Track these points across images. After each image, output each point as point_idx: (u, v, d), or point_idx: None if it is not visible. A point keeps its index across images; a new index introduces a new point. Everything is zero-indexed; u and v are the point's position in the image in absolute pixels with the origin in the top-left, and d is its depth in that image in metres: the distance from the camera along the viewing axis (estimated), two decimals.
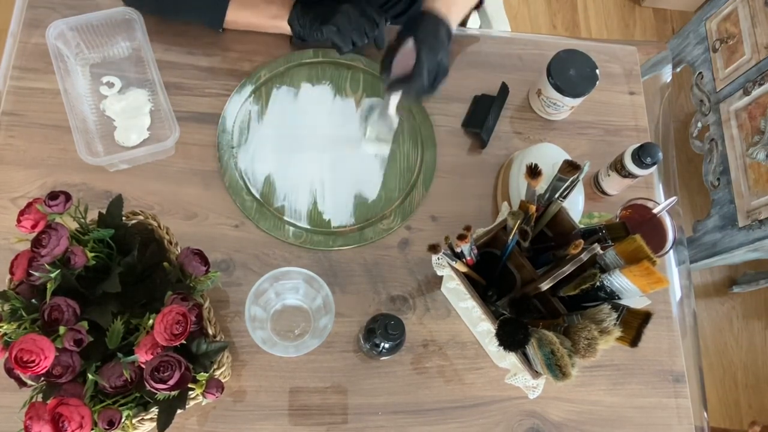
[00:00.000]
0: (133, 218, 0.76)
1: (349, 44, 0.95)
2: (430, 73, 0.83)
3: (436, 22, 0.85)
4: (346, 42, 0.95)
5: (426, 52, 0.82)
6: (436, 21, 0.85)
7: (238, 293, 0.87)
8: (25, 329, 0.64)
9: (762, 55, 1.64)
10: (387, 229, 0.93)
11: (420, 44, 0.82)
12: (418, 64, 0.82)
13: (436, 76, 0.84)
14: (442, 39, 0.84)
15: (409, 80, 0.82)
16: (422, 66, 0.81)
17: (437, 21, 0.85)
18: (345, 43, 0.95)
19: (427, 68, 0.82)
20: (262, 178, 0.94)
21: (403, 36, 0.84)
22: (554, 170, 0.79)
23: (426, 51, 0.82)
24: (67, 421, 0.58)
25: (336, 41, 0.95)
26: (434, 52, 0.83)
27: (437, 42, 0.83)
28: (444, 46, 0.84)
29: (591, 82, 0.97)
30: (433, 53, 0.82)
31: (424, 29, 0.84)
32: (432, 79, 0.84)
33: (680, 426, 0.92)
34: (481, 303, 0.78)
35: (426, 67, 0.82)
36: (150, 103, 0.94)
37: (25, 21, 0.96)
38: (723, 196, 1.73)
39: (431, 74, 0.83)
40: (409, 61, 0.82)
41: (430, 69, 0.83)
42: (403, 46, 0.83)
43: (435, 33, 0.84)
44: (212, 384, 0.67)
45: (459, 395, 0.88)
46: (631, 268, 0.70)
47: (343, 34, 0.94)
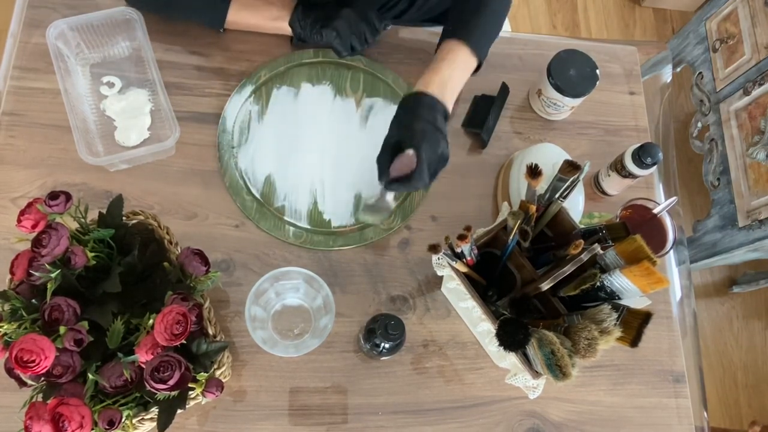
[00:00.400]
0: (133, 218, 0.76)
1: (348, 49, 0.96)
2: (431, 170, 0.81)
3: (432, 107, 0.82)
4: (345, 46, 0.95)
5: (426, 149, 0.79)
6: (432, 106, 0.82)
7: (239, 293, 0.87)
8: (25, 329, 0.64)
9: (762, 55, 1.64)
10: (387, 229, 0.93)
11: (420, 142, 0.79)
12: (419, 167, 0.79)
13: (436, 168, 0.82)
14: (440, 128, 0.82)
15: (409, 181, 0.80)
16: (423, 168, 0.79)
17: (433, 106, 0.82)
18: (344, 47, 0.95)
19: (427, 169, 0.80)
20: (263, 178, 0.94)
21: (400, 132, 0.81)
22: (554, 170, 0.79)
23: (426, 149, 0.79)
24: (67, 421, 0.58)
25: (335, 45, 0.96)
26: (435, 148, 0.80)
27: (436, 135, 0.81)
28: (443, 134, 0.82)
29: (591, 82, 0.97)
30: (433, 149, 0.80)
31: (421, 120, 0.81)
32: (433, 171, 0.82)
33: (680, 426, 0.92)
34: (482, 303, 0.78)
35: (426, 168, 0.79)
36: (150, 103, 0.94)
37: (25, 21, 0.96)
38: (723, 196, 1.73)
39: (432, 169, 0.81)
40: (407, 164, 0.80)
41: (431, 167, 0.80)
42: (402, 155, 0.80)
43: (433, 122, 0.81)
44: (212, 384, 0.67)
45: (459, 395, 0.88)
46: (632, 268, 0.70)
47: (343, 39, 0.94)
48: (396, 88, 1.02)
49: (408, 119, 0.82)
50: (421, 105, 0.82)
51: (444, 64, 0.87)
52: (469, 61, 0.89)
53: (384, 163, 0.83)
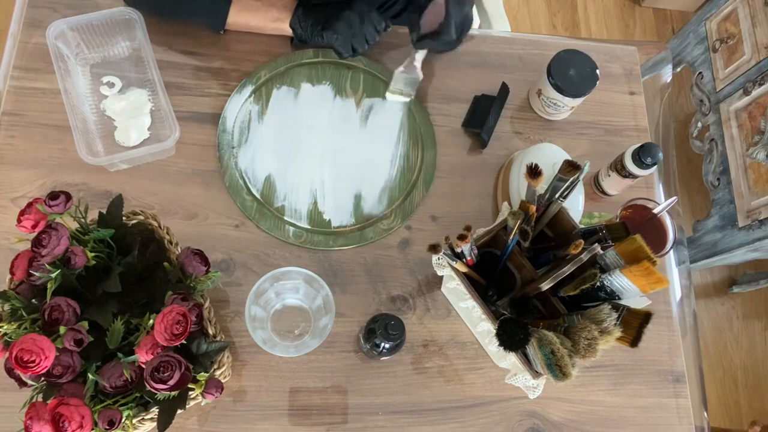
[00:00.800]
0: (133, 218, 0.76)
1: (349, 50, 0.96)
2: (457, 27, 0.84)
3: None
4: (346, 48, 0.95)
5: (454, 5, 0.83)
6: None
7: (239, 293, 0.87)
8: (25, 329, 0.64)
9: (762, 55, 1.64)
10: (387, 229, 0.93)
11: None
12: (447, 20, 0.83)
13: (462, 29, 0.86)
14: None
15: (438, 36, 0.84)
16: (450, 22, 0.83)
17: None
18: (345, 49, 0.96)
19: (454, 23, 0.83)
20: (263, 178, 0.94)
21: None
22: (554, 170, 0.79)
23: (454, 5, 0.83)
24: (67, 421, 0.58)
25: (336, 47, 0.96)
26: (461, 5, 0.84)
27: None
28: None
29: (591, 82, 0.97)
30: (460, 6, 0.84)
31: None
32: (459, 32, 0.85)
33: (680, 426, 0.92)
34: (481, 303, 0.78)
35: (454, 23, 0.83)
36: (150, 103, 0.94)
37: (25, 21, 0.96)
38: (723, 196, 1.73)
39: (458, 28, 0.85)
40: (436, 17, 0.84)
41: (458, 23, 0.84)
42: (431, 5, 0.85)
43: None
44: (212, 384, 0.67)
45: (459, 395, 0.88)
46: (632, 268, 0.70)
47: (344, 41, 0.94)
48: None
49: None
50: None
51: None
52: None
53: (413, 19, 0.86)
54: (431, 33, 0.86)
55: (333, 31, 0.94)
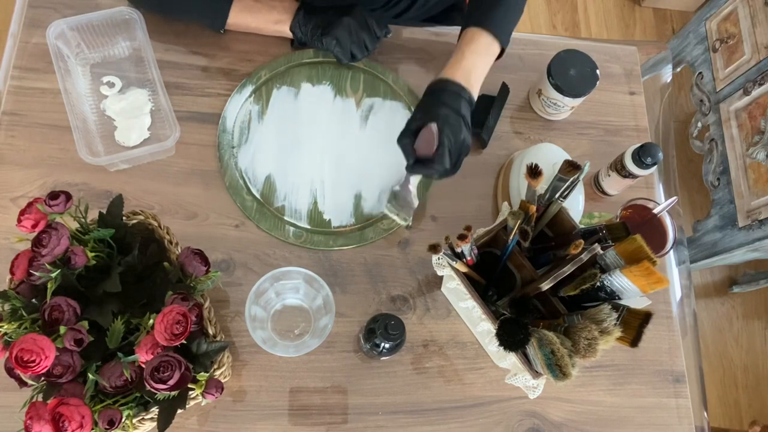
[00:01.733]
0: (133, 218, 0.76)
1: (348, 56, 0.96)
2: (453, 156, 0.82)
3: (457, 94, 0.83)
4: (345, 54, 0.96)
5: (448, 134, 0.80)
6: (457, 93, 0.83)
7: (239, 293, 0.87)
8: (25, 329, 0.64)
9: (762, 55, 1.64)
10: (387, 229, 0.93)
11: (442, 125, 0.80)
12: (440, 149, 0.80)
13: (459, 156, 0.83)
14: (463, 115, 0.82)
15: (431, 164, 0.81)
16: (444, 151, 0.80)
17: (458, 93, 0.83)
18: (345, 55, 0.96)
19: (449, 152, 0.80)
20: (263, 177, 0.94)
21: (424, 116, 0.82)
22: (554, 170, 0.79)
23: (448, 133, 0.80)
24: (67, 421, 0.58)
25: (336, 53, 0.96)
26: (457, 133, 0.81)
27: (459, 122, 0.82)
28: (466, 123, 0.83)
29: (591, 82, 0.97)
30: (455, 134, 0.81)
31: (444, 106, 0.82)
32: (455, 159, 0.82)
33: (680, 426, 0.92)
34: (482, 303, 0.78)
35: (447, 152, 0.80)
36: (150, 102, 0.94)
37: (25, 21, 0.96)
38: (723, 196, 1.73)
39: (453, 156, 0.82)
40: (429, 143, 0.81)
41: (453, 151, 0.81)
42: (424, 130, 0.81)
43: (457, 110, 0.82)
44: (212, 384, 0.67)
45: (459, 395, 0.88)
46: (632, 268, 0.70)
47: (343, 47, 0.95)
48: (396, 88, 1.02)
49: (431, 104, 0.83)
50: (445, 92, 0.83)
51: (468, 52, 0.87)
52: (492, 48, 0.90)
53: (407, 144, 0.83)
54: (425, 159, 0.82)
55: (332, 37, 0.94)
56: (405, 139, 0.84)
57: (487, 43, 0.89)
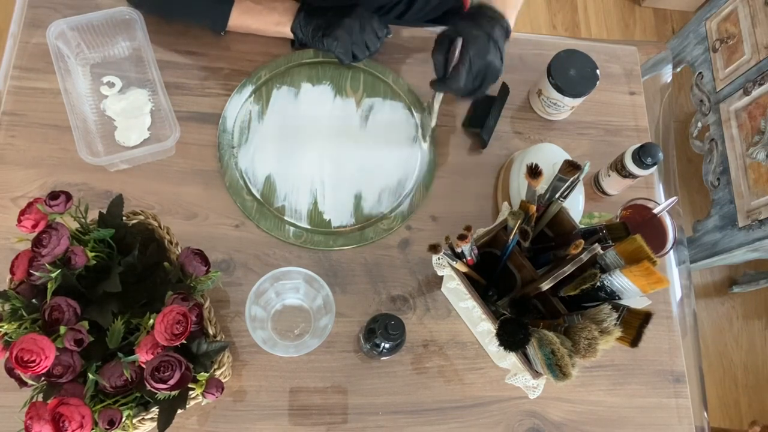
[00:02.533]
0: (133, 218, 0.76)
1: (349, 57, 0.96)
2: (473, 74, 0.82)
3: (493, 19, 0.84)
4: (347, 55, 0.96)
5: (473, 53, 0.81)
6: (494, 18, 0.84)
7: (239, 293, 0.87)
8: (25, 329, 0.64)
9: (762, 55, 1.64)
10: (387, 229, 0.93)
11: (469, 43, 0.81)
12: (458, 66, 0.81)
13: (483, 78, 0.83)
14: (496, 39, 0.83)
15: (448, 81, 0.83)
16: (461, 69, 0.80)
17: (494, 18, 0.84)
18: (346, 56, 0.96)
19: (468, 71, 0.81)
20: (263, 178, 0.94)
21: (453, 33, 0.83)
22: (554, 170, 0.79)
23: (473, 52, 0.81)
24: (67, 421, 0.58)
25: (337, 53, 0.96)
26: (483, 54, 0.81)
27: (489, 42, 0.82)
28: (497, 46, 0.83)
29: (591, 82, 0.97)
30: (481, 54, 0.81)
31: (477, 27, 0.82)
32: (480, 81, 0.83)
33: (680, 426, 0.92)
34: (482, 303, 0.78)
35: (467, 71, 0.81)
36: (150, 102, 0.94)
37: (25, 21, 0.96)
38: (723, 196, 1.73)
39: (477, 75, 0.82)
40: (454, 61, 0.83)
41: (476, 70, 0.81)
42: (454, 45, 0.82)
43: (489, 33, 0.82)
44: (212, 384, 0.68)
45: (459, 395, 0.88)
46: (632, 268, 0.70)
47: (345, 47, 0.94)
48: (396, 88, 1.02)
49: (465, 23, 0.83)
50: (481, 16, 0.84)
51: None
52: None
53: (439, 60, 0.84)
54: (444, 77, 0.84)
55: (333, 38, 0.94)
56: (438, 55, 0.84)
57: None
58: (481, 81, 0.84)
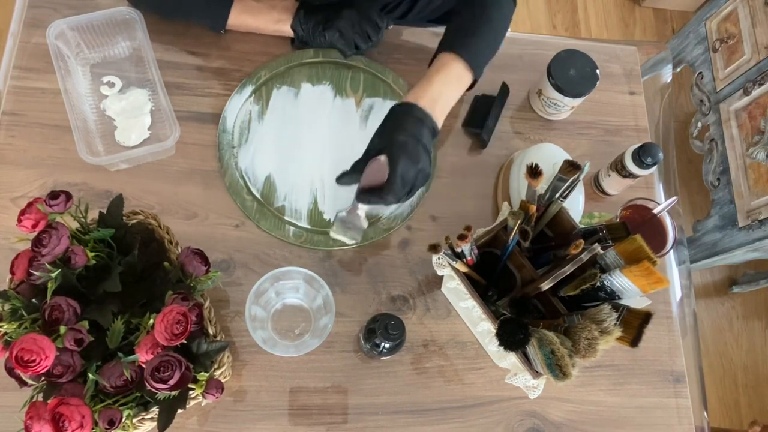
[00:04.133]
0: (133, 218, 0.76)
1: (352, 48, 0.96)
2: (406, 186, 0.77)
3: (420, 120, 0.79)
4: (349, 46, 0.95)
5: (404, 164, 0.76)
6: (420, 119, 0.79)
7: (239, 293, 0.87)
8: (25, 329, 0.64)
9: (762, 55, 1.64)
10: (387, 229, 0.93)
11: (398, 153, 0.76)
12: (391, 180, 0.75)
13: (413, 186, 0.78)
14: (424, 143, 0.78)
15: (382, 194, 0.77)
16: (395, 182, 0.75)
17: (421, 119, 0.79)
18: (348, 47, 0.95)
19: (401, 182, 0.76)
20: (263, 177, 0.94)
21: (380, 142, 0.78)
22: (554, 170, 0.79)
23: (404, 163, 0.76)
24: (67, 421, 0.58)
25: (339, 46, 0.96)
26: (414, 162, 0.76)
27: (418, 147, 0.77)
28: (426, 150, 0.78)
29: (591, 82, 0.97)
30: (412, 163, 0.76)
31: (404, 132, 0.77)
32: (409, 189, 0.78)
33: (680, 426, 0.92)
34: (482, 303, 0.78)
35: (400, 183, 0.76)
36: (150, 102, 0.94)
37: (25, 21, 0.96)
38: (723, 196, 1.73)
39: (407, 186, 0.77)
40: (381, 173, 0.77)
41: (407, 181, 0.77)
42: (373, 160, 0.77)
43: (417, 136, 0.77)
44: (212, 384, 0.68)
45: (459, 395, 0.88)
46: (632, 268, 0.70)
47: (347, 39, 0.94)
48: (396, 88, 1.02)
49: (391, 129, 0.79)
50: (407, 116, 0.79)
51: (437, 78, 0.83)
52: (463, 77, 0.86)
53: (359, 171, 0.79)
54: (374, 188, 0.77)
55: (335, 29, 0.94)
56: (358, 166, 0.79)
57: (458, 72, 0.85)
58: (411, 188, 0.78)
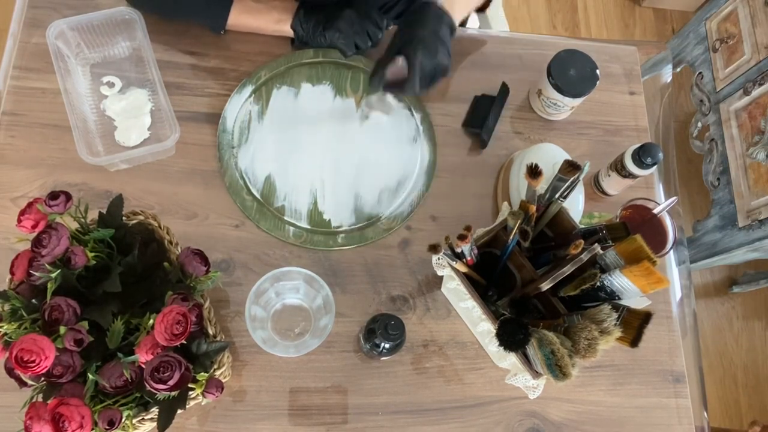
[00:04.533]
0: (133, 218, 0.76)
1: (352, 48, 0.96)
2: (425, 77, 0.82)
3: (439, 17, 0.84)
4: (349, 46, 0.95)
5: (423, 57, 0.81)
6: (439, 16, 0.84)
7: (239, 293, 0.87)
8: (25, 329, 0.64)
9: (762, 55, 1.64)
10: (387, 229, 0.93)
11: (417, 47, 0.81)
12: (411, 75, 0.81)
13: (433, 77, 0.84)
14: (442, 37, 0.83)
15: (402, 86, 0.83)
16: (414, 77, 0.81)
17: (440, 16, 0.84)
18: (349, 47, 0.96)
19: (420, 74, 0.81)
20: (263, 177, 0.94)
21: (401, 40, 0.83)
22: (554, 170, 0.79)
23: (423, 56, 0.81)
24: (67, 421, 0.58)
25: (340, 46, 0.96)
26: (432, 55, 0.82)
27: (436, 42, 0.82)
28: (444, 44, 0.83)
29: (591, 82, 0.97)
30: (430, 57, 0.82)
31: (423, 28, 0.82)
32: (429, 80, 0.84)
33: (680, 426, 0.92)
34: (482, 303, 0.78)
35: (418, 76, 0.81)
36: (150, 102, 0.94)
37: (25, 21, 0.96)
38: (723, 196, 1.73)
39: (427, 78, 0.83)
40: (402, 70, 0.83)
41: (426, 74, 0.82)
42: (392, 64, 0.83)
43: (435, 31, 0.82)
44: (212, 384, 0.68)
45: (459, 395, 0.88)
46: (632, 268, 0.70)
47: (347, 39, 0.94)
48: None
49: (411, 26, 0.84)
50: (426, 14, 0.84)
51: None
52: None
53: (382, 66, 0.85)
54: (398, 81, 0.84)
55: (336, 29, 0.94)
56: (383, 61, 0.85)
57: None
58: (431, 80, 0.85)
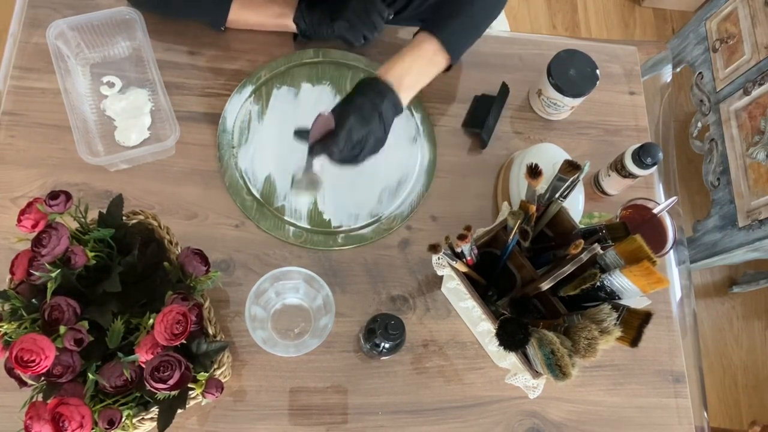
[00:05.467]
0: (133, 218, 0.76)
1: (360, 38, 0.95)
2: (351, 141, 0.79)
3: (381, 93, 0.81)
4: (357, 37, 0.95)
5: (355, 121, 0.78)
6: (382, 92, 0.81)
7: (239, 293, 0.87)
8: (25, 329, 0.64)
9: (762, 55, 1.64)
10: (387, 229, 0.93)
11: (349, 112, 0.78)
12: (337, 130, 0.78)
13: (362, 148, 0.80)
14: (381, 111, 0.80)
15: (325, 144, 0.79)
16: (341, 134, 0.78)
17: (383, 92, 0.81)
18: (356, 38, 0.95)
19: (348, 137, 0.78)
20: (263, 177, 0.94)
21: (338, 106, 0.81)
22: (554, 170, 0.79)
23: (355, 121, 0.78)
24: (67, 421, 0.58)
25: (347, 37, 0.95)
26: (365, 123, 0.79)
27: (373, 114, 0.79)
28: (381, 118, 0.80)
29: (591, 82, 0.97)
30: (362, 123, 0.79)
31: (363, 97, 0.80)
32: (356, 147, 0.80)
33: (680, 426, 0.92)
34: (482, 303, 0.78)
35: (346, 136, 0.78)
36: (150, 102, 0.94)
37: (25, 21, 0.96)
38: (723, 196, 1.73)
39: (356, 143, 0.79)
40: (328, 126, 0.80)
41: (356, 138, 0.79)
42: (318, 115, 0.80)
43: (375, 104, 0.80)
44: (212, 384, 0.68)
45: (459, 395, 0.88)
46: (632, 268, 0.70)
47: (355, 29, 0.94)
48: None
49: (351, 95, 0.81)
50: (371, 88, 0.81)
51: (409, 55, 0.85)
52: (436, 56, 0.88)
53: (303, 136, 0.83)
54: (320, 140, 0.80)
55: (343, 20, 0.93)
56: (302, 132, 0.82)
57: (432, 51, 0.87)
58: (361, 150, 0.81)
